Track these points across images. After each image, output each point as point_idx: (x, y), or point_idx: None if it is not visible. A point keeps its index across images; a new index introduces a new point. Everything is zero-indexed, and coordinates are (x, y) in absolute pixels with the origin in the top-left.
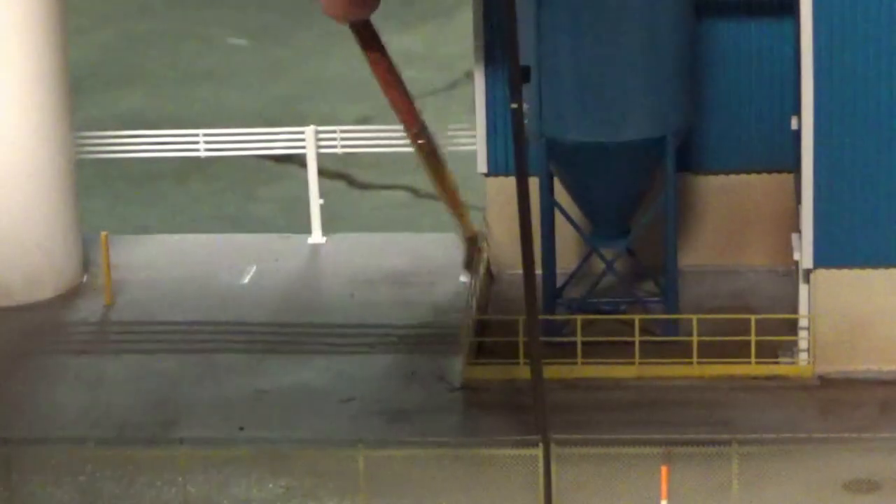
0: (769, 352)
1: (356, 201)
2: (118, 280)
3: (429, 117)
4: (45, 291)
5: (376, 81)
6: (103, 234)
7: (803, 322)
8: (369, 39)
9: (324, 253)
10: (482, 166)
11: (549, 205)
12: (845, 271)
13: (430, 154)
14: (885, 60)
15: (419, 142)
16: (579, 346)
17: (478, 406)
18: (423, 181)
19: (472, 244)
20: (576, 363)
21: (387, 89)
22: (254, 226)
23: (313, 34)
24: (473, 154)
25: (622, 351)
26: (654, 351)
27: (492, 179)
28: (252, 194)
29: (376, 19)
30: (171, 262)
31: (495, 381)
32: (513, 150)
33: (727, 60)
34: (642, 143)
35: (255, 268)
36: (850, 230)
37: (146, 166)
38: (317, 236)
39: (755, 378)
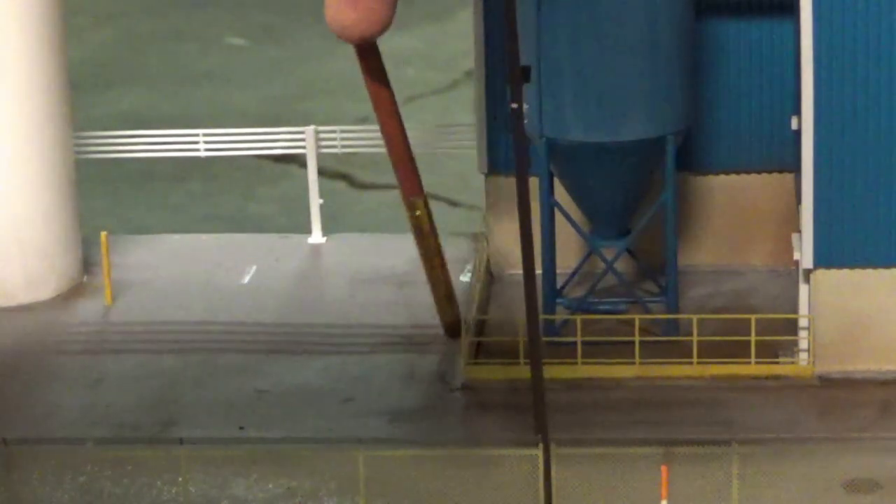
0: (769, 352)
1: (356, 201)
2: (118, 280)
3: (429, 117)
4: (45, 292)
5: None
6: (103, 234)
7: (803, 322)
8: (374, 68)
9: (324, 253)
10: (482, 166)
11: (549, 205)
12: (845, 271)
13: (427, 230)
14: (885, 61)
15: (416, 213)
16: (579, 346)
17: (478, 406)
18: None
19: (456, 327)
20: (576, 363)
21: (389, 144)
22: (254, 226)
23: (313, 34)
24: (473, 154)
25: (622, 351)
26: (654, 351)
27: (492, 179)
28: (252, 194)
29: None
30: (171, 262)
31: (495, 381)
32: (513, 150)
33: (727, 60)
34: (642, 143)
35: (255, 268)
36: (850, 230)
37: (146, 166)
38: (317, 236)
39: (755, 378)
